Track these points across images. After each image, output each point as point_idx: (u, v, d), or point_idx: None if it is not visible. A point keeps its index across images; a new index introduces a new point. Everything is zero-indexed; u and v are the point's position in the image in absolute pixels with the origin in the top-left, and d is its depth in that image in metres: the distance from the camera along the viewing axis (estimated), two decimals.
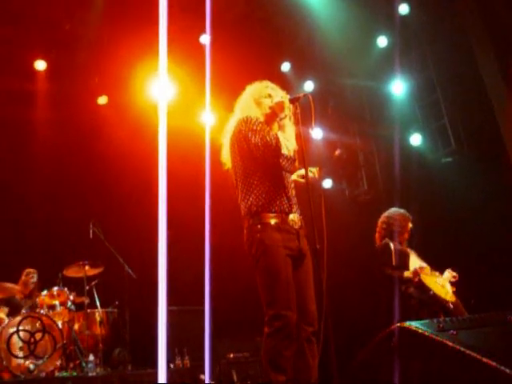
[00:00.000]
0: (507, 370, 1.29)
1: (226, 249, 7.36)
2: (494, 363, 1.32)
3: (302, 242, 3.51)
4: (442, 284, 5.08)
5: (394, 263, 5.15)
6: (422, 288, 4.93)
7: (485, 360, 1.34)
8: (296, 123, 3.66)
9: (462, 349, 1.40)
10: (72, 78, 7.66)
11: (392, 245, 5.26)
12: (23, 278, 6.44)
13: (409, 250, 5.40)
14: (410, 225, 5.46)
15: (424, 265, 5.22)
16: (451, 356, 1.44)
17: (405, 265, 5.19)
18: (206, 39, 7.21)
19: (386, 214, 5.56)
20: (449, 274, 5.26)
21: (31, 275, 6.44)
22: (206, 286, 4.53)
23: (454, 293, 5.06)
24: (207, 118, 7.57)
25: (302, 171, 3.58)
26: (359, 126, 8.71)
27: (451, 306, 4.88)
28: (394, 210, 5.56)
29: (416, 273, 4.95)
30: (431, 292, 4.88)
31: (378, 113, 8.45)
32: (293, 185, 3.70)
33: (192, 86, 7.24)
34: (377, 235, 5.53)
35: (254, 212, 3.46)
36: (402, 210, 5.54)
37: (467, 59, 7.19)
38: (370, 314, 7.16)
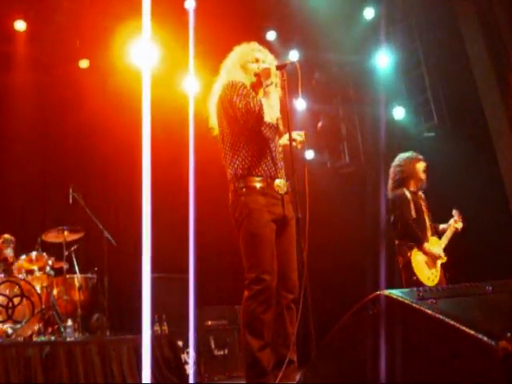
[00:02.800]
0: (485, 338, 1.31)
1: (207, 216, 7.37)
2: (472, 331, 1.34)
3: (286, 208, 3.51)
4: (432, 262, 4.96)
5: (413, 215, 5.01)
6: (408, 267, 4.89)
7: (463, 328, 1.36)
8: (282, 90, 3.63)
9: (441, 317, 1.41)
10: (53, 40, 7.49)
11: (409, 195, 5.08)
12: (2, 243, 6.35)
13: (421, 200, 5.20)
14: (420, 165, 5.21)
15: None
16: (430, 324, 1.46)
17: (420, 221, 5.04)
18: (190, 4, 7.09)
19: (393, 163, 5.36)
20: (453, 222, 5.15)
21: (9, 243, 6.34)
22: (191, 253, 4.53)
23: (443, 276, 4.98)
24: (191, 83, 7.48)
25: (288, 135, 3.57)
26: (343, 97, 8.69)
27: None
28: (398, 157, 5.34)
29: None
30: (414, 277, 4.82)
31: (362, 85, 8.43)
32: (280, 149, 3.68)
33: (176, 51, 7.16)
34: (388, 187, 5.33)
35: (240, 175, 3.45)
36: (407, 154, 5.32)
37: (453, 34, 7.18)
38: (351, 284, 7.27)
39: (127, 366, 5.25)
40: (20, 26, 7.29)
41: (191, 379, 5.70)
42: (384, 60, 8.03)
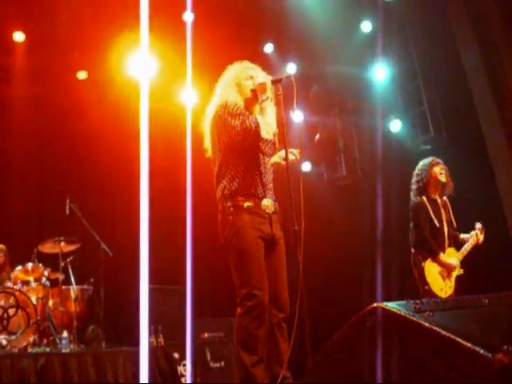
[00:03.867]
0: (481, 351, 1.31)
1: (203, 230, 7.36)
2: (468, 344, 1.34)
3: (274, 227, 3.55)
4: (447, 273, 4.90)
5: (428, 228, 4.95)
6: (422, 276, 4.83)
7: (460, 341, 1.36)
8: (278, 105, 3.64)
9: (438, 329, 1.41)
10: (51, 51, 7.52)
11: (429, 205, 5.00)
12: None
13: (442, 209, 5.09)
14: (437, 169, 5.09)
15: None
16: (427, 336, 1.46)
17: (437, 232, 4.97)
18: (188, 16, 7.13)
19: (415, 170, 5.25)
20: (475, 236, 5.06)
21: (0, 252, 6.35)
22: (188, 265, 4.54)
23: (455, 287, 4.91)
24: (188, 96, 7.50)
25: (283, 153, 3.59)
26: (340, 110, 8.72)
27: None
28: (419, 164, 5.24)
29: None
30: (426, 286, 4.77)
31: (360, 98, 8.46)
32: (271, 169, 3.71)
33: (174, 64, 7.18)
34: (412, 193, 5.23)
35: (228, 195, 3.48)
36: (425, 160, 5.22)
37: (450, 47, 7.23)
38: (347, 296, 7.25)
39: (123, 378, 5.22)
40: (19, 37, 7.32)
41: None
42: (381, 73, 8.07)
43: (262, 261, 3.40)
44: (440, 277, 4.86)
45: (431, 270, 4.84)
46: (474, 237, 5.11)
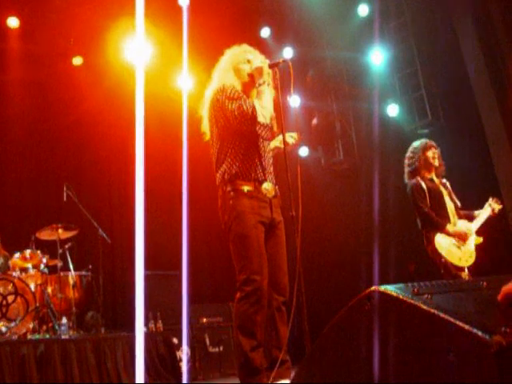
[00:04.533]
0: (479, 333, 1.32)
1: (202, 215, 7.37)
2: (466, 326, 1.34)
3: (274, 211, 3.55)
4: (462, 244, 4.82)
5: (428, 204, 4.91)
6: (436, 252, 4.78)
7: (457, 322, 1.36)
8: (275, 89, 3.64)
9: (436, 312, 1.42)
10: (46, 37, 7.47)
11: (423, 184, 4.98)
12: None
13: (441, 187, 5.09)
14: (430, 153, 5.07)
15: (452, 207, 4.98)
16: (425, 319, 1.46)
17: (439, 207, 4.94)
18: (183, 1, 7.07)
19: (406, 153, 5.22)
20: (489, 207, 5.03)
21: None
22: (184, 250, 4.53)
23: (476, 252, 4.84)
24: (184, 81, 7.47)
25: (281, 137, 3.59)
26: (337, 94, 8.69)
27: (465, 274, 4.69)
28: (410, 146, 5.21)
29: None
30: (442, 259, 4.72)
31: (357, 82, 8.44)
32: (271, 153, 3.70)
33: (169, 49, 7.14)
34: (405, 176, 5.20)
35: (228, 179, 3.47)
36: (417, 142, 5.20)
37: (447, 31, 7.19)
38: (345, 281, 7.28)
39: (122, 363, 5.26)
40: (13, 22, 7.26)
41: (186, 376, 5.71)
42: (378, 57, 8.04)
43: (261, 246, 3.41)
44: (454, 247, 4.82)
45: (442, 242, 4.80)
46: (488, 207, 5.09)
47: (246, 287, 3.30)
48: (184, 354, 5.87)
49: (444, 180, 5.21)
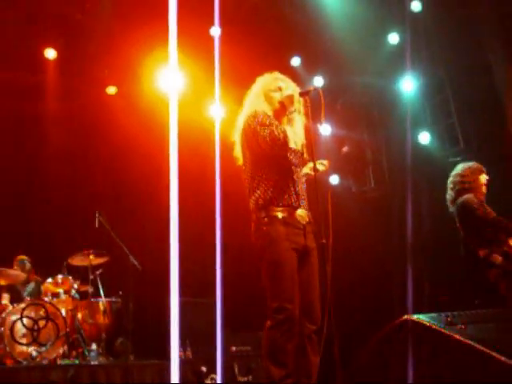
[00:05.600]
0: None
1: (232, 243, 7.37)
2: (503, 357, 1.31)
3: (308, 238, 3.52)
4: None
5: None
6: (510, 258, 4.36)
7: (494, 354, 1.33)
8: (306, 116, 3.66)
9: (471, 343, 1.39)
10: (81, 68, 7.66)
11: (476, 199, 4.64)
12: (16, 265, 6.47)
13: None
14: (483, 177, 4.81)
15: None
16: (460, 350, 1.43)
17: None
18: (215, 31, 7.20)
19: (453, 172, 4.95)
20: None
21: (24, 261, 6.48)
22: (218, 278, 4.54)
23: None
24: (216, 111, 7.55)
25: (311, 164, 3.59)
26: (368, 122, 8.67)
27: None
28: (460, 166, 4.94)
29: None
30: None
31: (387, 110, 8.40)
32: (303, 179, 3.70)
33: (202, 79, 7.24)
34: (448, 199, 4.91)
35: (261, 205, 3.47)
36: (470, 163, 4.94)
37: (478, 58, 7.15)
38: (377, 310, 7.16)
39: None
40: (50, 54, 7.47)
41: None
42: (409, 84, 8.01)
43: (294, 273, 3.38)
44: None
45: None
46: None
47: (278, 315, 3.27)
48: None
49: None
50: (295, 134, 3.54)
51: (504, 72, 6.96)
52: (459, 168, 4.98)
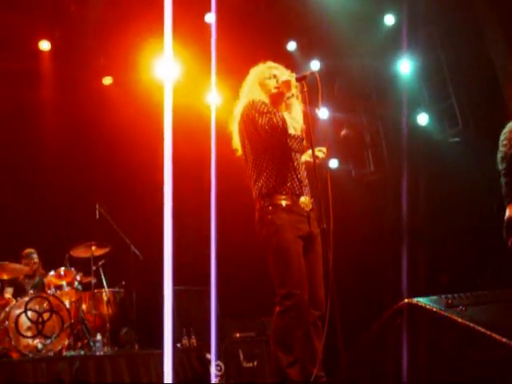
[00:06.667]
0: None
1: (231, 231, 7.37)
2: (504, 339, 1.31)
3: (312, 225, 3.54)
4: None
5: None
6: None
7: (494, 335, 1.33)
8: (303, 102, 3.65)
9: (472, 324, 1.39)
10: (76, 59, 7.62)
11: None
12: (24, 258, 6.47)
13: None
14: None
15: None
16: (460, 332, 1.43)
17: None
18: (211, 18, 7.15)
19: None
20: None
21: (32, 255, 6.49)
22: (212, 265, 4.54)
23: None
24: (213, 97, 7.53)
25: (311, 151, 3.59)
26: (365, 105, 8.64)
27: None
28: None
29: None
30: None
31: (385, 92, 8.37)
32: (304, 166, 3.70)
33: (198, 66, 7.20)
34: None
35: (265, 194, 3.48)
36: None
37: (475, 38, 7.10)
38: (378, 294, 7.19)
39: (156, 379, 5.27)
40: (45, 45, 7.44)
41: None
42: (406, 66, 7.97)
43: (301, 260, 3.40)
44: None
45: None
46: None
47: (287, 301, 3.29)
48: (212, 369, 5.84)
49: None
50: (294, 119, 3.53)
51: (502, 54, 6.92)
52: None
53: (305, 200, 3.52)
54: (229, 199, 6.67)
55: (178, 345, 6.22)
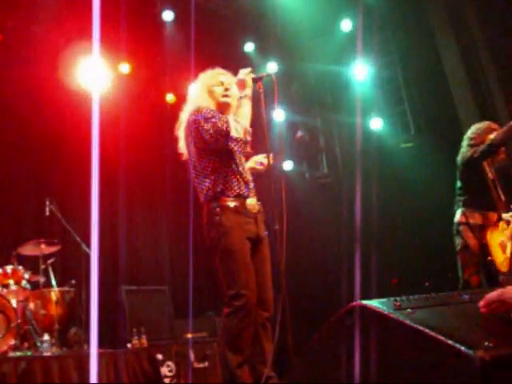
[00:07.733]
0: (462, 348, 1.31)
1: (185, 230, 7.33)
2: (449, 341, 1.34)
3: (259, 227, 3.57)
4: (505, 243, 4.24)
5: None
6: (484, 248, 4.29)
7: (441, 338, 1.36)
8: (259, 103, 3.65)
9: (419, 327, 1.41)
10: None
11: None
12: None
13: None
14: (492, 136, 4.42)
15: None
16: (408, 335, 1.45)
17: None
18: (167, 16, 7.11)
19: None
20: None
21: None
22: (166, 265, 4.52)
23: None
24: (167, 96, 7.47)
25: (257, 157, 3.77)
26: (321, 108, 8.74)
27: (501, 278, 4.12)
28: (471, 130, 4.69)
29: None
30: (489, 258, 4.20)
31: (340, 96, 8.49)
32: (249, 170, 3.75)
33: (152, 63, 7.14)
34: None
35: (212, 197, 3.49)
36: (481, 123, 4.70)
37: (429, 46, 7.28)
38: (329, 296, 7.27)
39: (105, 380, 5.18)
40: None
41: None
42: (361, 71, 8.09)
43: (249, 261, 3.43)
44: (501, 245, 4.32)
45: (494, 238, 4.26)
46: None
47: (235, 302, 3.30)
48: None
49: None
50: (238, 122, 3.52)
51: (454, 58, 7.09)
52: (469, 132, 4.86)
53: (252, 202, 3.55)
54: (184, 201, 6.64)
55: (129, 345, 6.14)
